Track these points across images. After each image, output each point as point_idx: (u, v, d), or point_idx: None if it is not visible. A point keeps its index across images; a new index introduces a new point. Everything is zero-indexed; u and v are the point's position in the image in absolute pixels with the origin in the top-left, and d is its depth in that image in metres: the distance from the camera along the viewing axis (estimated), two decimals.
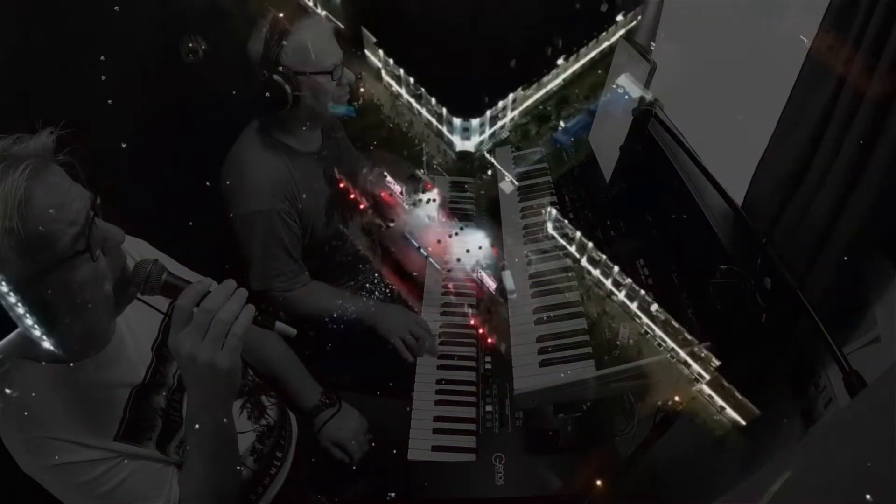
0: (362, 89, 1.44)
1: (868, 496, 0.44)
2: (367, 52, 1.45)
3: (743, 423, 1.04)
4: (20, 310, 0.75)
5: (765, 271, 1.07)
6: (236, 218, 1.43)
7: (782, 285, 1.03)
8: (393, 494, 1.23)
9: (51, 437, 0.82)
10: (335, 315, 1.52)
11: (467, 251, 1.51)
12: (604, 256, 1.24)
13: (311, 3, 1.45)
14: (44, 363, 0.84)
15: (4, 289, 0.73)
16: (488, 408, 1.30)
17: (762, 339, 1.07)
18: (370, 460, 1.39)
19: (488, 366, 1.39)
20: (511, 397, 1.28)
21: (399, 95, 1.48)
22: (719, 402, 1.06)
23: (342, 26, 1.49)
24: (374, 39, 1.39)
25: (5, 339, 0.86)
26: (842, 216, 0.96)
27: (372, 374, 1.51)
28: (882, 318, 0.93)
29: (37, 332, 0.79)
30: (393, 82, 1.48)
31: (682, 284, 1.23)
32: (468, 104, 1.47)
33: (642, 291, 1.15)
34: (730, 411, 1.05)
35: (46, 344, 0.81)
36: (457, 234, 1.54)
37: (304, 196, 1.48)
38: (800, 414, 1.05)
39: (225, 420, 0.90)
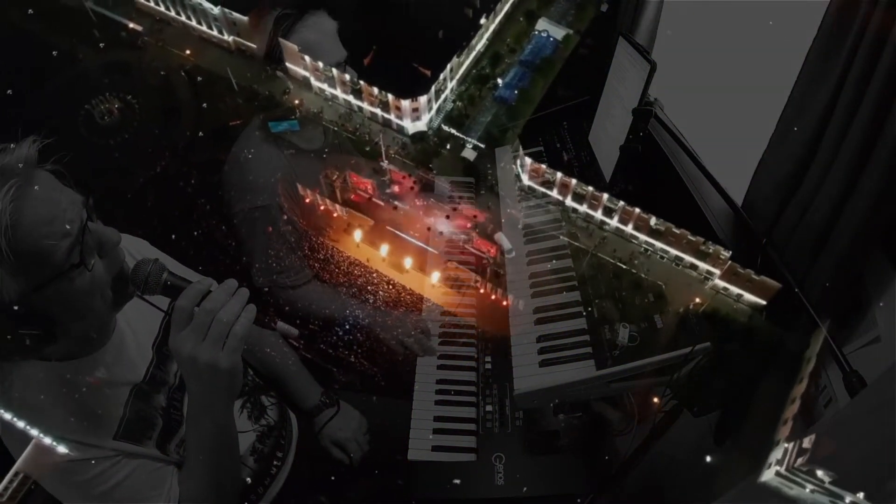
0: (297, 101, 1.43)
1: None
2: (288, 64, 1.40)
3: (763, 303, 1.07)
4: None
5: (765, 271, 1.07)
6: (239, 214, 1.43)
7: (782, 285, 1.03)
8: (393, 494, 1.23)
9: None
10: (337, 318, 1.52)
11: (464, 227, 1.51)
12: (590, 188, 1.23)
13: (215, 33, 1.43)
14: (43, 361, 0.84)
15: None
16: (488, 408, 1.30)
17: (762, 339, 1.07)
18: (370, 460, 1.39)
19: (488, 366, 1.38)
20: (511, 397, 1.28)
21: (335, 98, 1.43)
22: (736, 290, 1.08)
23: (254, 46, 1.47)
24: (297, 48, 1.35)
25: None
26: (842, 216, 0.96)
27: (372, 374, 1.51)
28: (882, 318, 0.93)
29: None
30: (325, 86, 1.42)
31: None
32: (410, 85, 1.47)
33: (637, 210, 1.15)
34: (748, 296, 1.08)
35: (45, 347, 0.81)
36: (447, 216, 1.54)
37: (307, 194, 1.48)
38: (800, 414, 1.05)
39: (225, 420, 0.90)
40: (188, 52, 1.41)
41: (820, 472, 0.67)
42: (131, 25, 1.46)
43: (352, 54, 1.46)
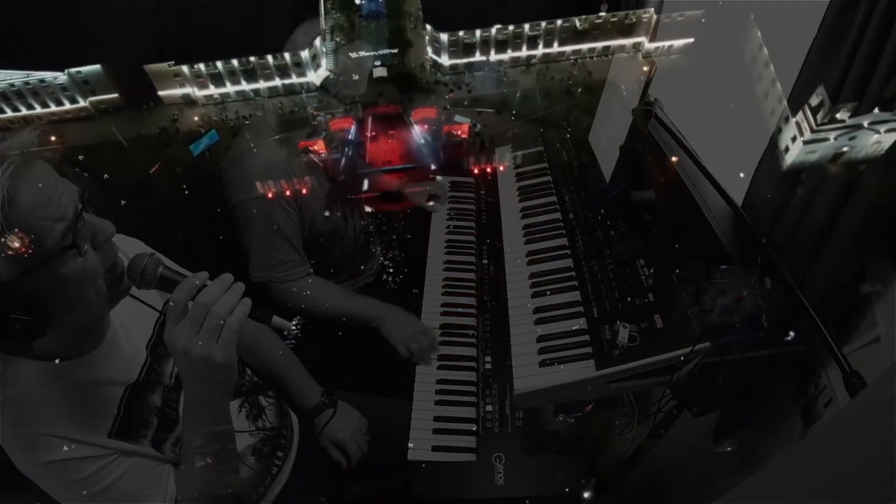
0: (196, 118, 1.40)
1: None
2: (162, 92, 1.33)
3: (692, 40, 1.15)
4: None
5: (765, 271, 1.07)
6: (236, 206, 1.44)
7: (782, 285, 1.03)
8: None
9: (44, 434, 0.82)
10: (338, 313, 1.51)
11: (428, 128, 1.49)
12: (510, 28, 1.26)
13: (67, 105, 1.33)
14: (37, 360, 0.84)
15: None
16: (488, 408, 1.30)
17: (762, 340, 1.07)
18: (370, 460, 1.39)
19: (488, 366, 1.38)
20: (511, 397, 1.28)
21: (227, 95, 1.38)
22: (666, 43, 1.16)
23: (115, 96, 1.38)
24: (170, 63, 1.29)
25: None
26: (842, 216, 0.96)
27: (372, 374, 1.50)
28: (882, 318, 0.93)
29: None
30: (211, 87, 1.37)
31: (682, 284, 1.23)
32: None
33: (558, 21, 1.21)
34: (678, 42, 1.17)
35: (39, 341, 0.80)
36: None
37: (304, 187, 1.48)
38: (800, 414, 1.05)
39: (221, 416, 0.90)
40: (53, 138, 1.37)
41: (840, 114, 0.66)
42: None
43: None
